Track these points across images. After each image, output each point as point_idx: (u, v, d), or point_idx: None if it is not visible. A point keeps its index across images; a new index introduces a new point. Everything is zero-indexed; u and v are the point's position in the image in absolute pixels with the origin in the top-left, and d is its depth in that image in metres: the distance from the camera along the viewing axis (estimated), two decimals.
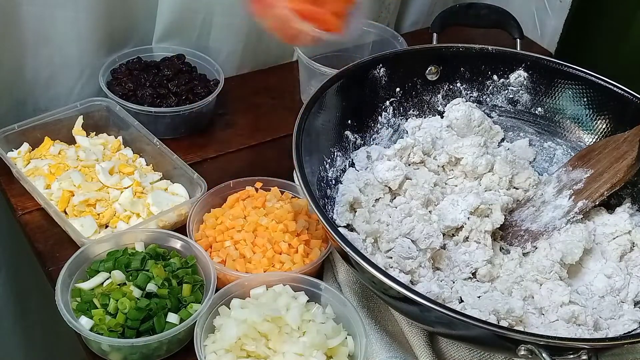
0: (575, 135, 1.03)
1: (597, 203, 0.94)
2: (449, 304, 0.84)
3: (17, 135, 1.02)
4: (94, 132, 1.08)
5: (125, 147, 1.07)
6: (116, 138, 1.07)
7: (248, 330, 0.77)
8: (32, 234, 0.95)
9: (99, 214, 0.95)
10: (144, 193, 0.98)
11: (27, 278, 1.28)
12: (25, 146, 1.03)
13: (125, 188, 0.98)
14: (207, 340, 0.79)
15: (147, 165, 1.04)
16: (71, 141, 1.05)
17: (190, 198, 0.98)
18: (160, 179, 1.02)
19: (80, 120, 1.06)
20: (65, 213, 0.95)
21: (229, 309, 0.81)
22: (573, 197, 0.94)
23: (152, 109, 1.08)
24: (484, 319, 0.77)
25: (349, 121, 1.00)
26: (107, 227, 0.94)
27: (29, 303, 1.33)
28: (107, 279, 0.84)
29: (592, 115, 1.02)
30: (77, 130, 1.06)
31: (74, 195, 0.96)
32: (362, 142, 1.02)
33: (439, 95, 1.06)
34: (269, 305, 0.80)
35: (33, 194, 0.98)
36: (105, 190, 0.97)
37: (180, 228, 0.97)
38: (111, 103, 1.07)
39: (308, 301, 0.83)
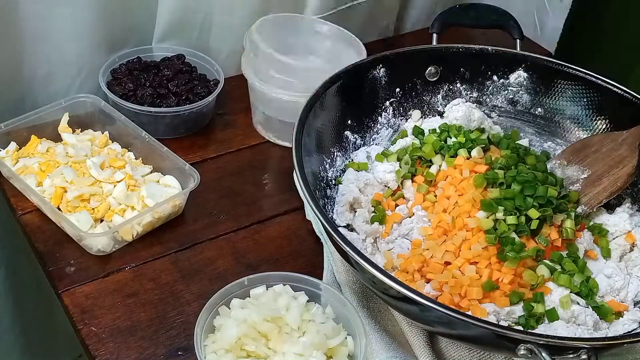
0: (575, 136, 1.04)
1: (595, 210, 0.94)
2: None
3: (3, 134, 1.02)
4: (79, 129, 1.08)
5: (112, 142, 1.07)
6: (102, 133, 1.07)
7: (248, 330, 0.77)
8: (32, 234, 0.95)
9: (93, 209, 0.95)
10: (137, 186, 0.98)
11: (26, 276, 1.29)
12: (13, 145, 1.03)
13: (117, 182, 0.98)
14: (207, 340, 0.79)
15: (136, 159, 1.05)
16: (57, 139, 1.05)
17: (182, 189, 0.98)
18: (151, 172, 1.02)
19: (66, 117, 1.06)
20: (59, 210, 0.95)
21: (229, 309, 0.81)
22: None
23: (152, 109, 1.08)
24: (484, 319, 0.77)
25: (349, 121, 1.00)
26: (102, 221, 0.94)
27: (27, 301, 1.34)
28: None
29: (591, 116, 1.02)
30: (63, 127, 1.06)
31: (66, 192, 0.96)
32: (362, 142, 1.02)
33: (438, 96, 1.06)
34: (269, 305, 0.80)
35: (25, 192, 0.98)
36: (98, 184, 0.98)
37: (176, 219, 0.98)
38: (96, 99, 1.07)
39: (308, 301, 0.83)
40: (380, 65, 1.01)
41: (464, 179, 0.93)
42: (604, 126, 1.01)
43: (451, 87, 1.06)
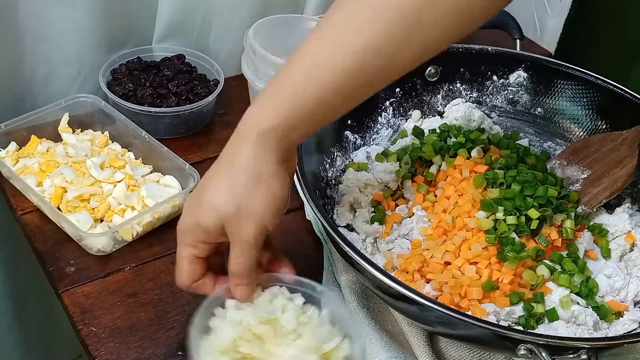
0: (575, 136, 1.04)
1: (595, 210, 0.94)
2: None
3: (3, 134, 1.02)
4: (79, 129, 1.08)
5: (112, 142, 1.07)
6: (102, 134, 1.07)
7: (243, 332, 0.76)
8: (32, 234, 0.95)
9: (93, 209, 0.95)
10: (137, 186, 0.99)
11: (26, 276, 1.29)
12: (13, 145, 1.03)
13: (117, 182, 0.98)
14: (202, 341, 0.79)
15: (136, 159, 1.05)
16: (57, 139, 1.05)
17: (182, 189, 0.98)
18: (151, 172, 1.02)
19: (66, 118, 1.06)
20: (60, 210, 0.95)
21: (224, 309, 0.81)
22: None
23: (152, 109, 1.08)
24: (484, 319, 0.77)
25: (349, 121, 1.00)
26: (102, 221, 0.94)
27: (27, 301, 1.33)
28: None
29: (591, 116, 1.02)
30: (63, 127, 1.06)
31: (66, 192, 0.96)
32: (362, 142, 1.02)
33: (438, 96, 1.06)
34: (265, 307, 0.79)
35: (26, 192, 0.98)
36: (98, 184, 0.98)
37: (176, 219, 0.97)
38: (96, 99, 1.07)
39: (304, 303, 0.83)
40: None
41: (464, 179, 0.93)
42: (604, 126, 1.01)
43: (451, 87, 1.06)
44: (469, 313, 0.79)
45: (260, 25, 1.10)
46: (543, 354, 0.68)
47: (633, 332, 0.82)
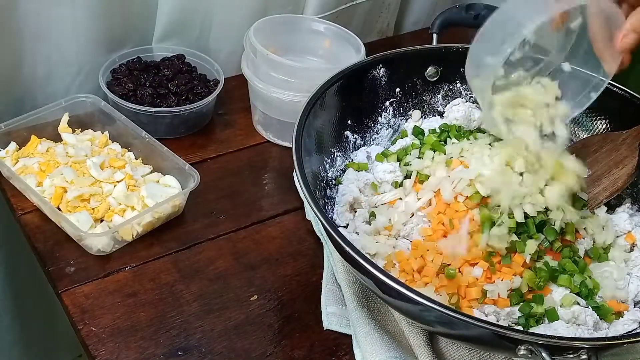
0: (575, 136, 1.03)
1: (594, 211, 0.94)
2: None
3: (3, 134, 1.02)
4: (79, 129, 1.08)
5: (112, 142, 1.07)
6: (102, 133, 1.07)
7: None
8: (31, 234, 0.95)
9: (93, 209, 0.95)
10: (137, 186, 0.99)
11: (26, 276, 1.29)
12: (13, 145, 1.03)
13: (117, 182, 0.98)
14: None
15: (136, 159, 1.05)
16: (57, 139, 1.05)
17: (182, 189, 0.98)
18: (151, 172, 1.02)
19: (65, 117, 1.06)
20: (59, 210, 0.95)
21: None
22: None
23: (152, 109, 1.08)
24: (484, 319, 0.77)
25: (349, 121, 1.00)
26: (102, 221, 0.94)
27: (27, 301, 1.34)
28: None
29: (591, 116, 1.02)
30: (63, 127, 1.06)
31: (66, 192, 0.96)
32: (362, 142, 1.02)
33: (438, 96, 1.06)
34: None
35: (25, 192, 0.98)
36: (98, 184, 0.98)
37: (176, 219, 0.98)
38: (96, 99, 1.07)
39: None
40: (380, 65, 1.01)
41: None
42: (604, 126, 1.01)
43: (451, 87, 1.06)
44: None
45: (260, 25, 1.10)
46: (543, 354, 0.68)
47: (633, 332, 0.82)
